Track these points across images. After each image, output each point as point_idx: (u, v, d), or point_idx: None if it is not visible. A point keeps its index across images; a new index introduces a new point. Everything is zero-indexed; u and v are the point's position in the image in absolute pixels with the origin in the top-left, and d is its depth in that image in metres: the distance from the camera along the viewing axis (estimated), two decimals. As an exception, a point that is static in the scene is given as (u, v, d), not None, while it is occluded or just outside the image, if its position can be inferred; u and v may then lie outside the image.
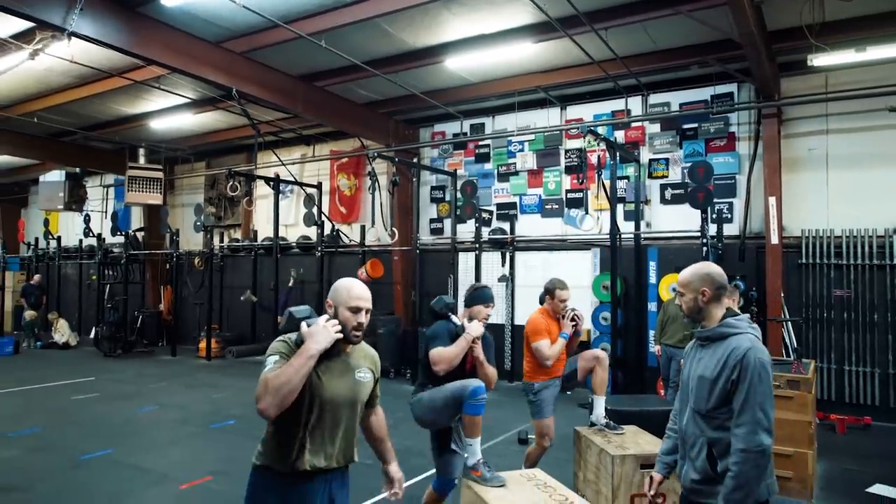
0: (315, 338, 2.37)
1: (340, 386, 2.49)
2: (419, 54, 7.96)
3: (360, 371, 2.59)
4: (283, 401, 2.26)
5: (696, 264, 2.53)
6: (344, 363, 2.54)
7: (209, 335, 12.06)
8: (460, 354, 3.56)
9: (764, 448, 2.21)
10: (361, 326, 2.50)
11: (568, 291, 4.64)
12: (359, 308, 2.48)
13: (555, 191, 9.60)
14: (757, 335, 2.35)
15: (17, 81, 9.31)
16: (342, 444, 2.52)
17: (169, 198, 14.65)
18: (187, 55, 7.21)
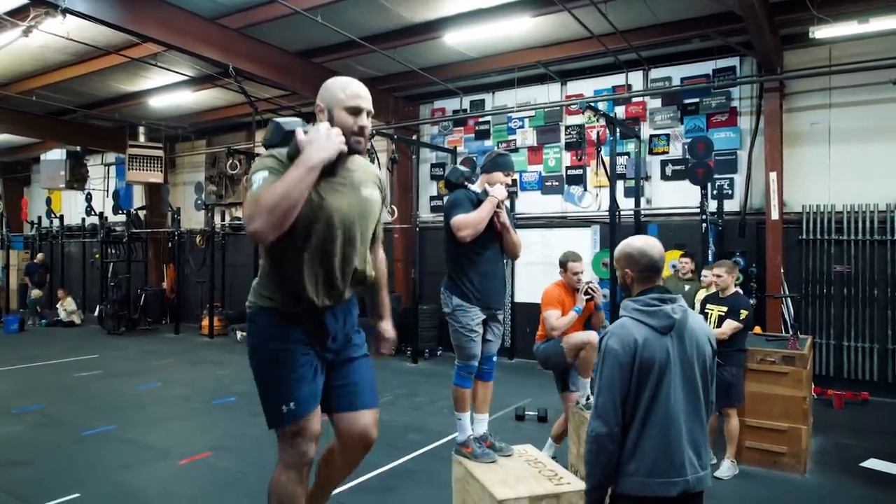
0: (317, 145, 1.98)
1: (346, 203, 2.15)
2: (417, 29, 7.87)
3: (367, 188, 2.26)
4: (281, 219, 1.91)
5: (626, 240, 2.40)
6: (346, 179, 2.18)
7: (211, 313, 12.14)
8: (486, 218, 3.27)
9: (593, 434, 2.17)
10: (363, 131, 2.15)
11: (581, 264, 4.60)
12: (359, 108, 2.13)
13: (555, 167, 9.54)
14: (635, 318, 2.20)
15: (14, 59, 9.24)
16: (350, 272, 2.23)
17: (170, 176, 14.63)
18: (182, 31, 7.14)
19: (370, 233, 2.31)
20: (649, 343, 2.20)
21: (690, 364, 2.26)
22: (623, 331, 2.24)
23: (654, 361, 2.18)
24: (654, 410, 2.19)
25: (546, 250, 9.66)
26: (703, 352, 2.30)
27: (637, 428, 2.19)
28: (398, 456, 5.16)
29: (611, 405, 2.19)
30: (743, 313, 4.76)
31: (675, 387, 2.21)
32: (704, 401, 2.31)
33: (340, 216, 2.14)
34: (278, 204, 1.90)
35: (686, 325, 2.28)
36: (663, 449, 2.18)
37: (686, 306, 2.32)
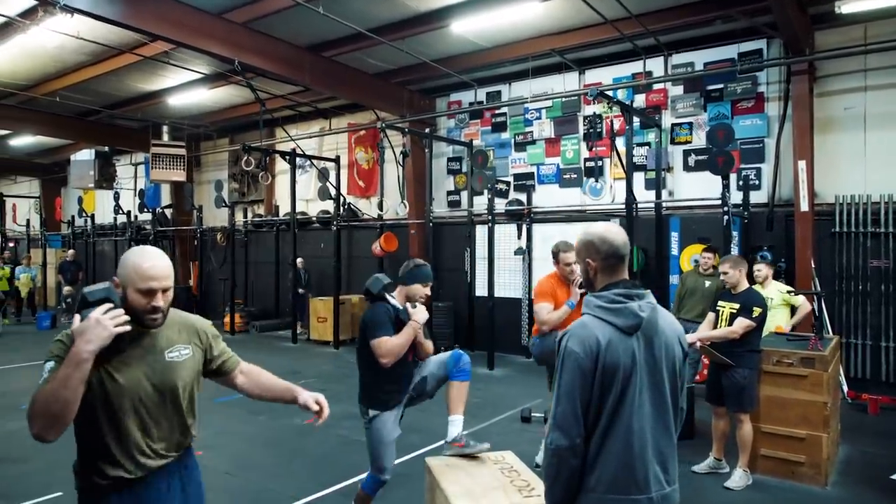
0: (85, 336, 1.86)
1: (140, 376, 2.03)
2: (423, 19, 7.66)
3: (173, 350, 2.12)
4: (56, 421, 1.82)
5: (586, 228, 2.20)
6: (144, 346, 2.07)
7: (233, 310, 12.20)
8: (406, 344, 3.26)
9: (553, 447, 1.92)
10: (158, 310, 2.01)
11: (571, 254, 4.25)
12: (151, 290, 1.98)
13: (573, 159, 9.20)
14: (598, 316, 1.96)
15: (35, 61, 9.42)
16: (168, 438, 2.12)
17: (195, 174, 14.82)
18: (185, 27, 7.07)
19: (184, 404, 2.15)
20: (613, 345, 1.93)
21: (659, 368, 1.99)
22: (584, 331, 1.97)
23: (619, 366, 1.92)
24: (617, 420, 1.93)
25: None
26: (673, 354, 2.03)
27: (598, 438, 1.94)
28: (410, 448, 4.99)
29: (572, 414, 1.93)
30: (756, 311, 4.40)
31: (641, 394, 1.95)
32: (673, 409, 2.04)
33: (138, 396, 2.03)
34: (49, 407, 1.81)
35: (655, 325, 2.01)
36: (625, 462, 1.92)
37: (655, 303, 2.04)
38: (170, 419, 2.11)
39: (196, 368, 2.20)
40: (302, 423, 6.02)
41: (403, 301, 3.42)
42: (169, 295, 2.05)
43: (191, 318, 2.28)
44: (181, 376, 2.12)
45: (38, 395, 1.84)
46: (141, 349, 2.05)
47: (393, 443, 3.42)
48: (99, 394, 1.96)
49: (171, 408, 2.10)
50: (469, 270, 9.84)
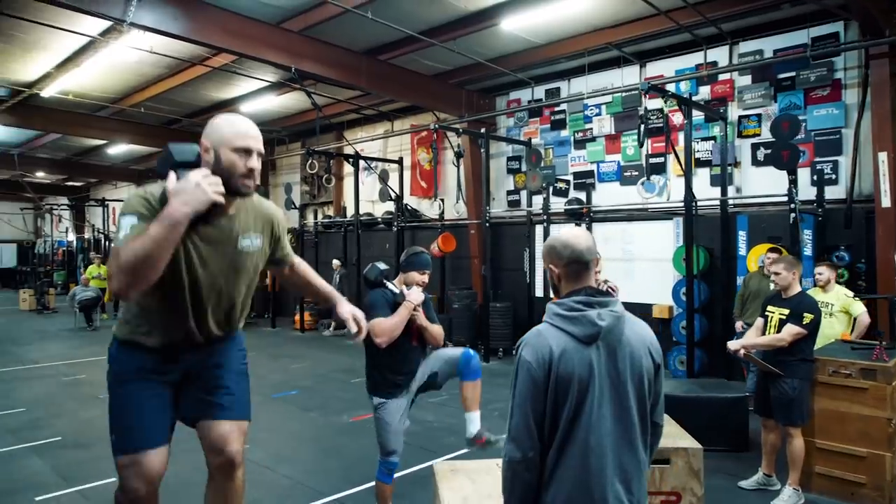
0: (182, 198, 1.80)
1: (215, 259, 2.03)
2: (472, 18, 7.62)
3: (246, 238, 2.12)
4: (139, 280, 1.78)
5: (553, 234, 2.10)
6: (225, 229, 2.04)
7: (302, 309, 12.64)
8: (401, 324, 3.34)
9: (506, 460, 1.86)
10: (252, 173, 1.96)
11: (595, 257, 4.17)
12: (248, 149, 1.93)
13: (634, 156, 8.87)
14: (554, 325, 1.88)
15: (120, 75, 10.14)
16: (222, 320, 2.17)
17: (271, 178, 15.47)
18: (245, 37, 7.39)
19: (244, 292, 2.20)
20: (567, 355, 1.85)
21: (622, 381, 1.89)
22: (538, 339, 1.90)
23: (573, 377, 1.84)
24: (574, 434, 1.85)
25: (626, 245, 9.06)
26: (640, 367, 1.92)
27: (554, 453, 1.86)
28: (427, 459, 4.98)
29: (524, 427, 1.87)
30: (807, 317, 4.07)
31: (600, 407, 1.85)
32: (642, 424, 1.93)
33: (208, 276, 2.04)
34: (136, 265, 1.76)
35: (618, 335, 1.91)
36: (581, 480, 1.84)
37: (620, 312, 1.94)
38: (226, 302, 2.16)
39: (263, 259, 2.23)
40: (347, 421, 6.15)
41: (403, 286, 3.49)
42: (259, 163, 1.99)
43: (266, 203, 2.24)
44: (248, 266, 2.14)
45: (124, 250, 1.77)
46: (219, 230, 2.02)
47: (399, 431, 3.48)
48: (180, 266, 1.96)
49: (232, 292, 2.14)
50: (528, 271, 9.72)
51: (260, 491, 4.38)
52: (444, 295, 10.87)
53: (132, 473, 2.11)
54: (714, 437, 4.99)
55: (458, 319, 9.91)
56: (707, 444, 4.87)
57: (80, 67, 9.27)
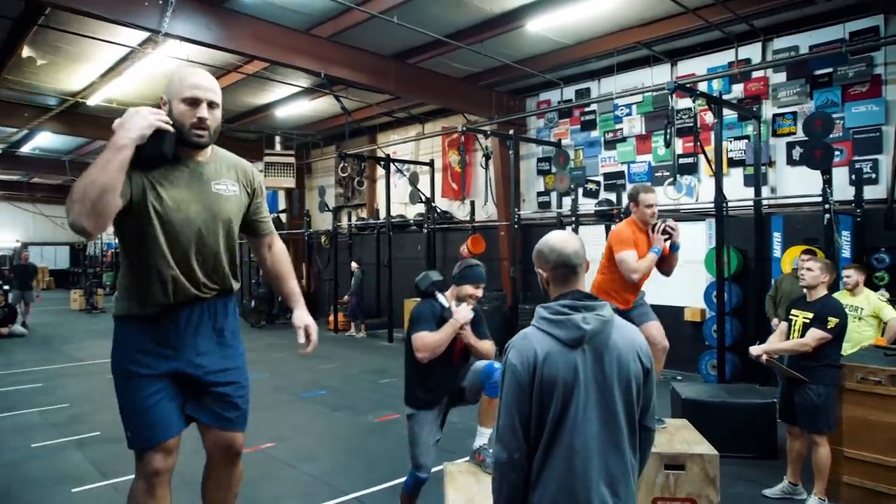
0: (125, 125, 1.82)
1: (186, 199, 2.00)
2: (498, 21, 7.62)
3: (220, 183, 2.09)
4: (92, 207, 1.75)
5: (544, 236, 2.10)
6: (196, 172, 2.04)
7: (336, 309, 12.84)
8: (445, 342, 3.26)
9: (494, 461, 1.91)
10: (203, 122, 1.96)
11: (654, 195, 4.06)
12: (196, 99, 1.93)
13: (665, 157, 8.73)
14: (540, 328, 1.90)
15: (159, 83, 10.47)
16: (210, 271, 2.12)
17: (307, 180, 15.76)
18: (275, 44, 7.57)
19: (225, 239, 2.15)
20: (552, 358, 1.88)
21: (609, 385, 1.90)
22: (524, 343, 1.94)
23: (557, 380, 1.86)
24: (559, 437, 1.87)
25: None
26: (628, 371, 1.92)
27: (541, 455, 1.89)
28: (447, 459, 4.97)
29: (510, 428, 1.91)
30: (832, 321, 3.96)
31: (585, 411, 1.87)
32: (629, 428, 1.93)
33: (184, 216, 2.01)
34: (86, 191, 1.76)
35: (605, 339, 1.92)
36: (566, 484, 1.86)
37: (608, 316, 1.95)
38: (209, 249, 2.11)
39: (240, 208, 2.17)
40: (373, 421, 6.24)
41: (454, 300, 3.40)
42: (216, 113, 2.01)
43: (241, 159, 2.24)
44: (227, 210, 2.10)
45: (76, 181, 1.80)
46: (188, 174, 2.00)
47: (430, 444, 3.43)
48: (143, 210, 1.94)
49: (212, 238, 2.08)
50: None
51: (281, 488, 4.49)
52: (474, 296, 10.87)
53: (149, 465, 2.21)
54: (740, 443, 4.91)
55: (488, 321, 9.86)
56: (732, 451, 4.81)
57: (122, 77, 9.65)
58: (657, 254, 3.97)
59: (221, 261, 2.17)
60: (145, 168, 1.94)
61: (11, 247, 23.72)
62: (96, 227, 1.79)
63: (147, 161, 1.91)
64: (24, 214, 22.28)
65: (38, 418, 6.35)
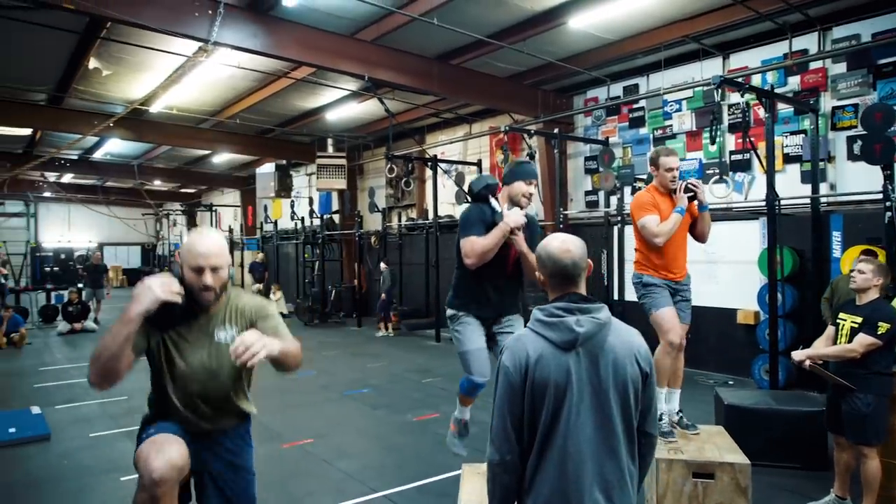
0: (136, 299, 2.07)
1: (194, 354, 2.27)
2: (539, 19, 7.55)
3: (223, 331, 2.31)
4: (104, 371, 2.08)
5: (548, 237, 2.06)
6: (201, 326, 2.29)
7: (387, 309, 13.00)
8: (494, 247, 3.09)
9: (487, 462, 1.91)
10: (209, 288, 2.19)
11: (675, 158, 3.95)
12: (200, 268, 2.17)
13: (716, 153, 8.42)
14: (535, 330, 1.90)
15: (216, 90, 10.91)
16: (220, 408, 2.36)
17: (359, 182, 16.03)
18: (320, 49, 7.74)
19: (231, 384, 2.36)
20: (544, 360, 1.87)
21: (604, 388, 1.88)
22: (517, 344, 1.94)
23: (549, 382, 1.86)
24: (552, 440, 1.87)
25: (708, 247, 8.45)
26: (624, 374, 1.89)
27: (534, 458, 1.89)
28: (478, 460, 5.01)
29: (502, 430, 1.91)
30: (882, 326, 3.73)
31: (579, 414, 1.85)
32: (626, 433, 1.90)
33: (191, 371, 2.27)
34: (99, 357, 2.09)
35: (600, 342, 1.90)
36: (559, 487, 1.85)
37: (604, 319, 1.92)
38: (219, 392, 2.35)
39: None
40: (411, 420, 6.30)
41: (506, 204, 3.30)
42: (221, 274, 2.23)
43: (246, 300, 2.41)
44: (226, 355, 2.25)
45: (97, 344, 2.14)
46: (198, 329, 2.29)
47: (481, 350, 3.31)
48: (160, 363, 2.27)
49: (220, 383, 2.33)
50: (606, 273, 9.48)
51: (314, 483, 4.60)
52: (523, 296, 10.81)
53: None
54: (786, 453, 4.69)
55: (534, 322, 9.83)
56: (777, 461, 4.61)
57: (180, 84, 10.08)
58: (681, 213, 3.82)
59: (236, 397, 2.41)
60: (161, 325, 2.26)
61: (89, 247, 25.22)
62: (104, 386, 2.13)
63: (163, 321, 2.25)
64: (100, 217, 23.59)
65: (97, 410, 6.73)
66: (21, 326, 11.39)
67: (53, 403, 6.92)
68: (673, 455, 3.41)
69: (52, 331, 13.00)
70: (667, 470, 3.36)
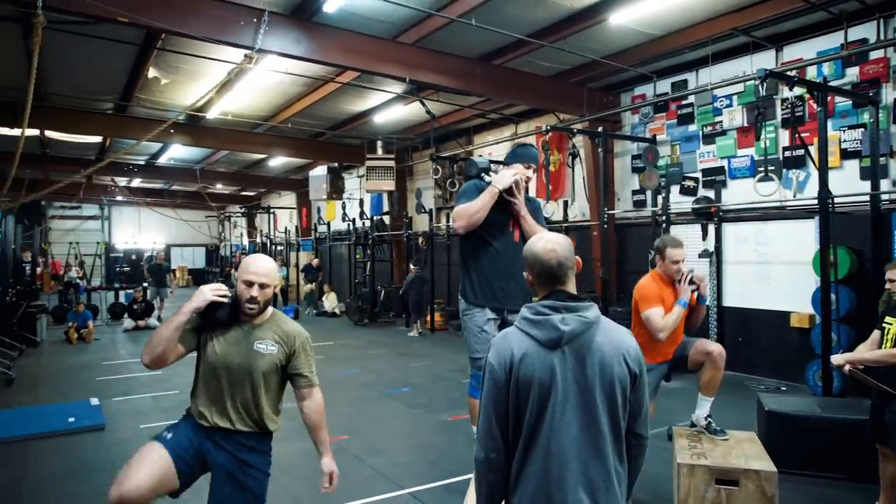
0: (194, 297, 2.56)
1: (232, 352, 2.61)
2: (579, 17, 7.45)
3: (262, 342, 2.65)
4: (153, 354, 2.51)
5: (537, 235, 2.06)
6: (244, 332, 2.65)
7: (432, 309, 13.10)
8: (481, 208, 3.17)
9: (474, 459, 1.92)
10: (254, 300, 2.59)
11: (681, 251, 3.92)
12: (250, 282, 2.59)
13: (769, 149, 8.07)
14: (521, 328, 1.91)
15: (268, 96, 11.27)
16: (242, 410, 2.64)
17: (409, 183, 16.19)
18: (362, 54, 7.87)
19: (260, 388, 2.63)
20: (529, 358, 1.87)
21: (590, 388, 1.86)
22: (502, 342, 1.95)
23: (533, 380, 1.86)
24: (536, 439, 1.87)
25: (761, 247, 8.31)
26: (611, 374, 1.87)
27: (519, 457, 1.90)
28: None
29: (487, 428, 1.93)
30: (929, 331, 3.51)
31: (563, 413, 1.85)
32: (613, 433, 1.88)
33: (225, 365, 2.60)
34: (151, 340, 2.52)
35: (587, 341, 1.88)
36: (543, 487, 1.85)
37: (592, 318, 1.90)
38: (245, 394, 2.63)
39: (276, 363, 2.67)
40: (446, 419, 6.33)
41: None
42: (267, 292, 2.62)
43: (291, 325, 2.75)
44: (260, 364, 2.63)
45: (154, 331, 2.59)
46: (240, 334, 2.65)
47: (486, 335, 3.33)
48: (203, 355, 2.65)
49: (248, 385, 2.63)
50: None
51: (343, 479, 4.63)
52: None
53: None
54: (830, 463, 4.47)
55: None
56: (820, 471, 4.40)
57: (234, 91, 10.47)
58: (683, 306, 3.82)
59: (260, 405, 2.66)
60: (212, 326, 2.63)
61: (153, 248, 26.50)
62: (153, 367, 2.54)
63: (212, 322, 2.63)
64: (168, 219, 24.73)
65: (150, 402, 7.08)
66: (90, 322, 12.09)
67: (111, 396, 7.31)
68: (695, 460, 3.31)
69: (119, 327, 13.73)
70: (688, 475, 3.27)
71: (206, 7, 6.77)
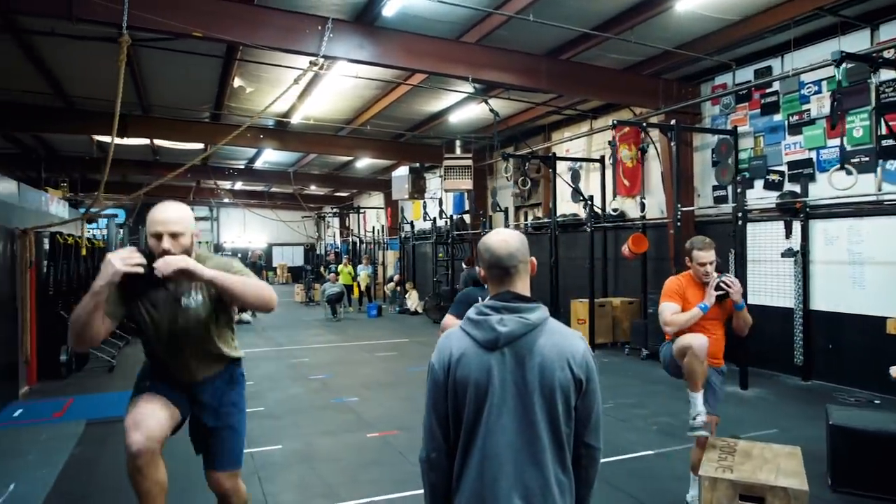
0: (102, 272, 2.22)
1: (162, 317, 2.47)
2: (643, 6, 7.13)
3: (187, 297, 2.49)
4: (78, 337, 2.30)
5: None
6: (170, 292, 2.46)
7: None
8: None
9: (419, 458, 1.90)
10: (168, 253, 2.29)
11: (707, 253, 3.75)
12: (158, 234, 2.29)
13: (862, 139, 7.39)
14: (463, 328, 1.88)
15: (346, 100, 11.68)
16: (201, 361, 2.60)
17: (489, 182, 16.20)
18: (425, 55, 7.95)
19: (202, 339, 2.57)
20: (466, 359, 1.86)
21: (529, 392, 1.81)
22: (445, 342, 1.95)
23: (469, 381, 1.84)
24: (474, 441, 1.85)
25: (853, 246, 7.61)
26: (552, 379, 1.81)
27: (460, 458, 1.89)
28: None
29: (428, 427, 1.94)
30: None
31: (500, 416, 1.82)
32: (553, 440, 1.82)
33: (162, 332, 2.49)
34: (72, 325, 2.32)
35: (528, 344, 1.84)
36: (477, 491, 1.83)
37: (535, 320, 1.85)
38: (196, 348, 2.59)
39: (209, 307, 2.56)
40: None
41: None
42: (181, 241, 2.34)
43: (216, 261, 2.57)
44: (191, 319, 2.52)
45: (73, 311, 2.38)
46: (165, 294, 2.48)
47: None
48: (140, 323, 2.54)
49: (192, 341, 2.55)
50: (733, 273, 8.71)
51: (382, 472, 4.80)
52: (645, 299, 10.28)
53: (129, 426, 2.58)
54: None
55: (652, 325, 9.32)
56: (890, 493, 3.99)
57: (312, 96, 10.94)
58: (703, 310, 3.63)
59: (211, 350, 2.64)
60: (133, 293, 2.44)
61: (249, 247, 28.20)
62: (81, 348, 2.58)
63: (132, 289, 2.42)
64: (270, 220, 26.20)
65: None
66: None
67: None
68: (720, 473, 3.11)
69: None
70: (710, 488, 3.08)
71: (274, 18, 7.12)
